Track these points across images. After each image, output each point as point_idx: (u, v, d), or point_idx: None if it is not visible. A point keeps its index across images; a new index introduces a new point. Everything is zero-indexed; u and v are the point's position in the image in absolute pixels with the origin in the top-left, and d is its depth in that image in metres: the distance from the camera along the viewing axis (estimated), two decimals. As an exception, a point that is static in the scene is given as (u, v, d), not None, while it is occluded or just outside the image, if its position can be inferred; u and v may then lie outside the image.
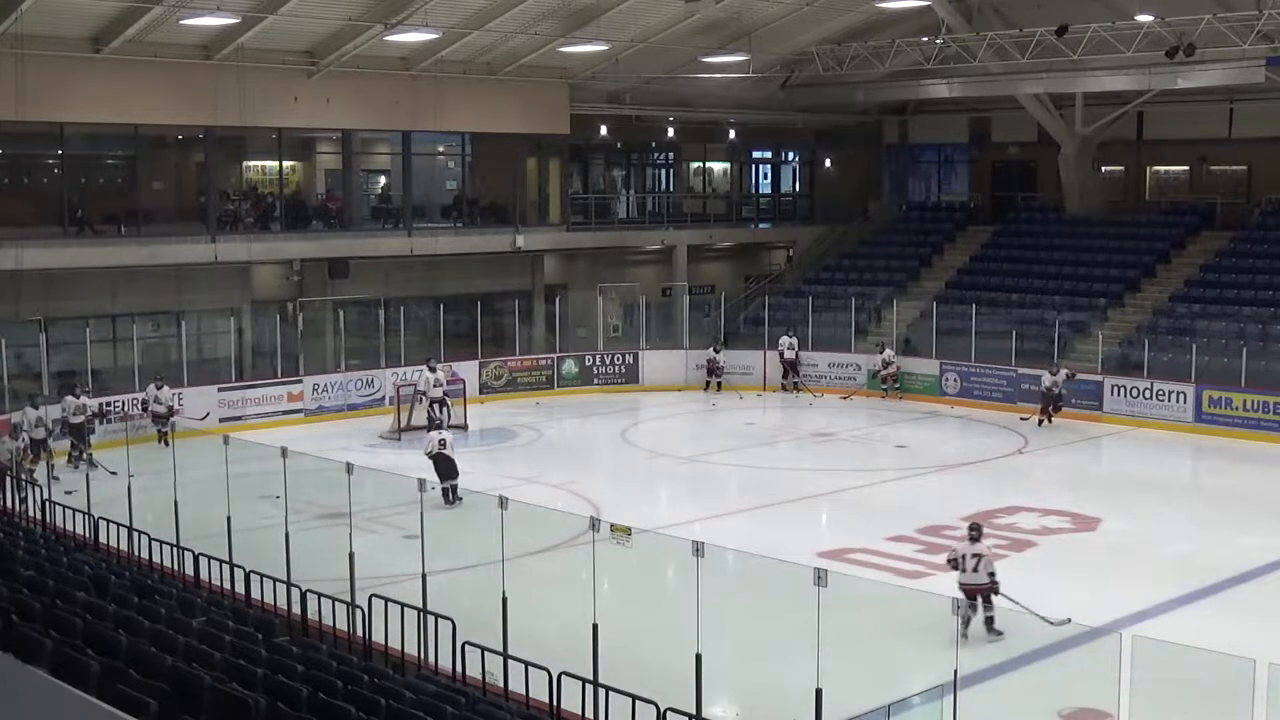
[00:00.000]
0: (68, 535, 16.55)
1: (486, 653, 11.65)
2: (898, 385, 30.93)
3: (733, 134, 39.67)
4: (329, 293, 30.43)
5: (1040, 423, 27.35)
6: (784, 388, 32.02)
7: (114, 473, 19.57)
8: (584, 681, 10.94)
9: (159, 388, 25.37)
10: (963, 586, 14.49)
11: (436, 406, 26.60)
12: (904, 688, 11.41)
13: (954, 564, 14.91)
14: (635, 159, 40.00)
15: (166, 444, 22.88)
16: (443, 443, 21.18)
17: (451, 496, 20.27)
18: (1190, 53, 27.18)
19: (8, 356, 24.66)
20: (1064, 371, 27.53)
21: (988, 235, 36.73)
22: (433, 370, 27.13)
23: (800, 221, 40.72)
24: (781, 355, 32.06)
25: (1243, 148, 34.51)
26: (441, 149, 34.12)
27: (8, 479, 19.08)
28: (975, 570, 14.60)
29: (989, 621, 14.38)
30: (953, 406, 29.94)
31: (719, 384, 31.97)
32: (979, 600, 14.41)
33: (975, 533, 15.00)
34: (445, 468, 20.67)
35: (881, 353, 30.96)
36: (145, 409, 25.19)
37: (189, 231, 28.68)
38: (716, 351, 32.29)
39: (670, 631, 12.84)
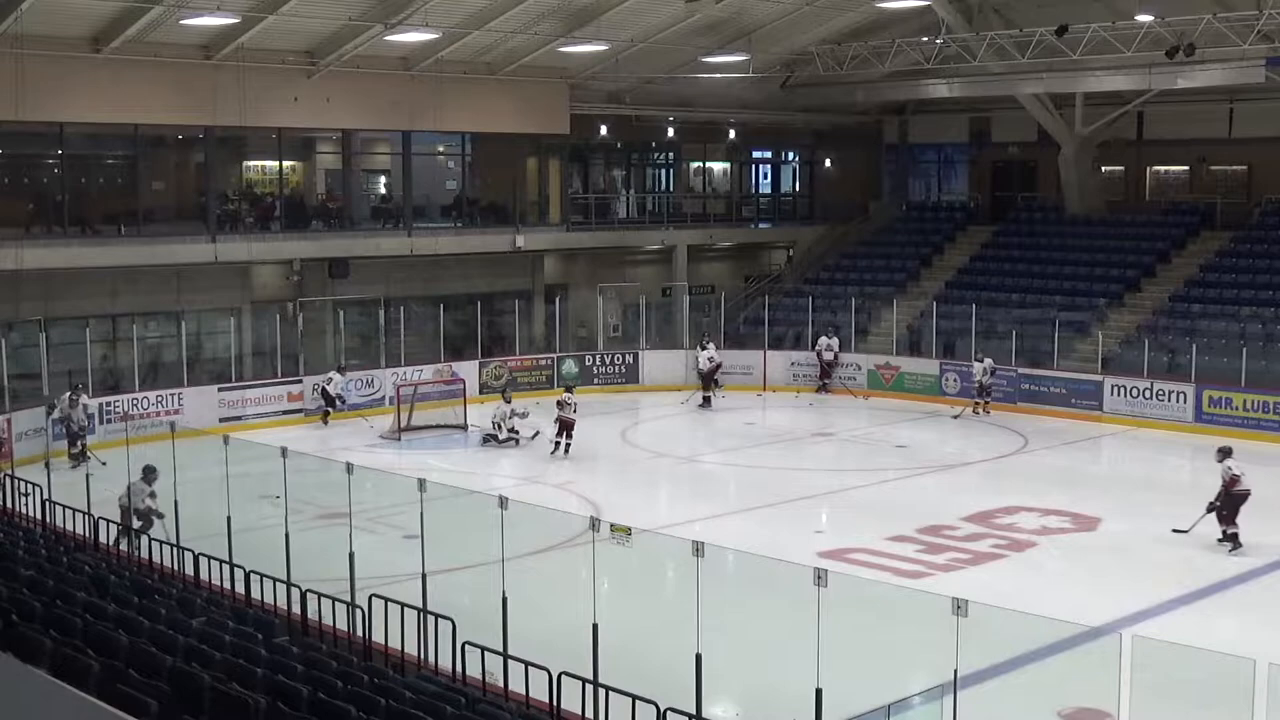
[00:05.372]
0: (68, 535, 16.55)
1: (486, 653, 11.64)
2: (989, 397, 29.06)
3: (733, 134, 39.67)
4: (329, 293, 30.44)
5: None
6: (822, 388, 31.73)
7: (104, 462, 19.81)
8: (584, 681, 10.93)
9: (77, 394, 23.76)
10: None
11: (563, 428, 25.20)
12: (904, 688, 11.41)
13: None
14: (635, 159, 40.00)
15: (86, 457, 22.27)
16: (80, 401, 23.66)
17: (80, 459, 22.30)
18: (1190, 53, 27.18)
19: (7, 356, 24.67)
20: None
21: (988, 235, 36.73)
22: (569, 390, 26.10)
23: (800, 221, 40.73)
24: (820, 356, 31.92)
25: (1243, 148, 34.51)
26: (441, 149, 34.12)
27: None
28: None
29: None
30: (953, 406, 29.93)
31: (715, 381, 31.88)
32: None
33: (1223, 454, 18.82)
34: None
35: (981, 362, 28.91)
36: (66, 417, 23.28)
37: (189, 231, 28.68)
38: (703, 348, 31.26)
39: (670, 631, 12.84)
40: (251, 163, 31.95)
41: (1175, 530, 19.02)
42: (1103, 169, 36.03)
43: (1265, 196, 33.54)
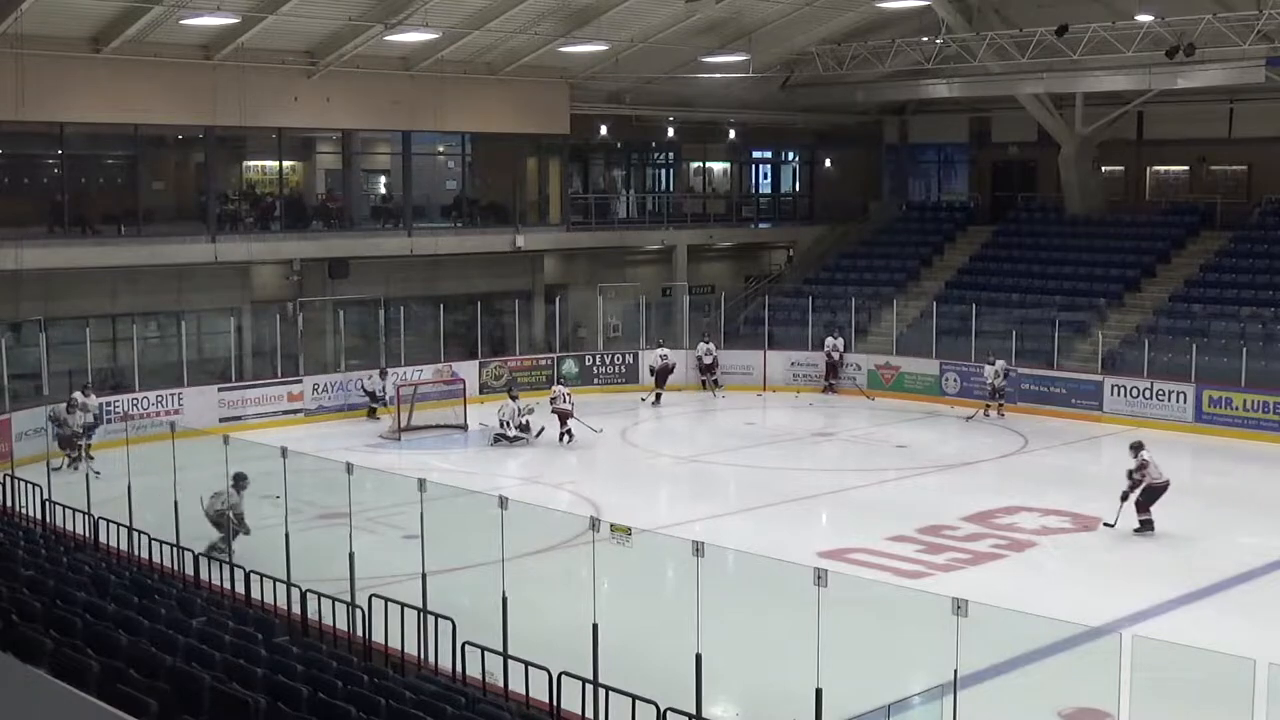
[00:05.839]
0: (68, 535, 16.55)
1: (486, 653, 11.65)
2: (1003, 399, 28.85)
3: (733, 134, 39.68)
4: (329, 293, 30.43)
5: None
6: (829, 388, 31.73)
7: (98, 473, 19.96)
8: (584, 681, 10.94)
9: (85, 394, 23.71)
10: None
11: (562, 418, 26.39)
12: (904, 688, 11.41)
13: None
14: (635, 159, 40.01)
15: (89, 457, 22.24)
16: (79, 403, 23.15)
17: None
18: (1190, 53, 27.18)
19: (7, 356, 24.66)
20: None
21: (988, 235, 36.73)
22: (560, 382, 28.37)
23: (800, 221, 40.74)
24: (828, 356, 31.85)
25: (1243, 148, 34.51)
26: (441, 149, 34.12)
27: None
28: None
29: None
30: (953, 406, 29.92)
31: (715, 381, 31.92)
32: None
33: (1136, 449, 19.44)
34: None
35: (994, 364, 28.68)
36: (61, 421, 22.84)
37: (189, 231, 28.68)
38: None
39: (670, 631, 12.83)
40: (251, 163, 31.96)
41: (1106, 524, 19.41)
42: (1103, 169, 36.01)
43: (1265, 196, 33.53)
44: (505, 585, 12.69)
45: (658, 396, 30.82)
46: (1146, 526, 19.19)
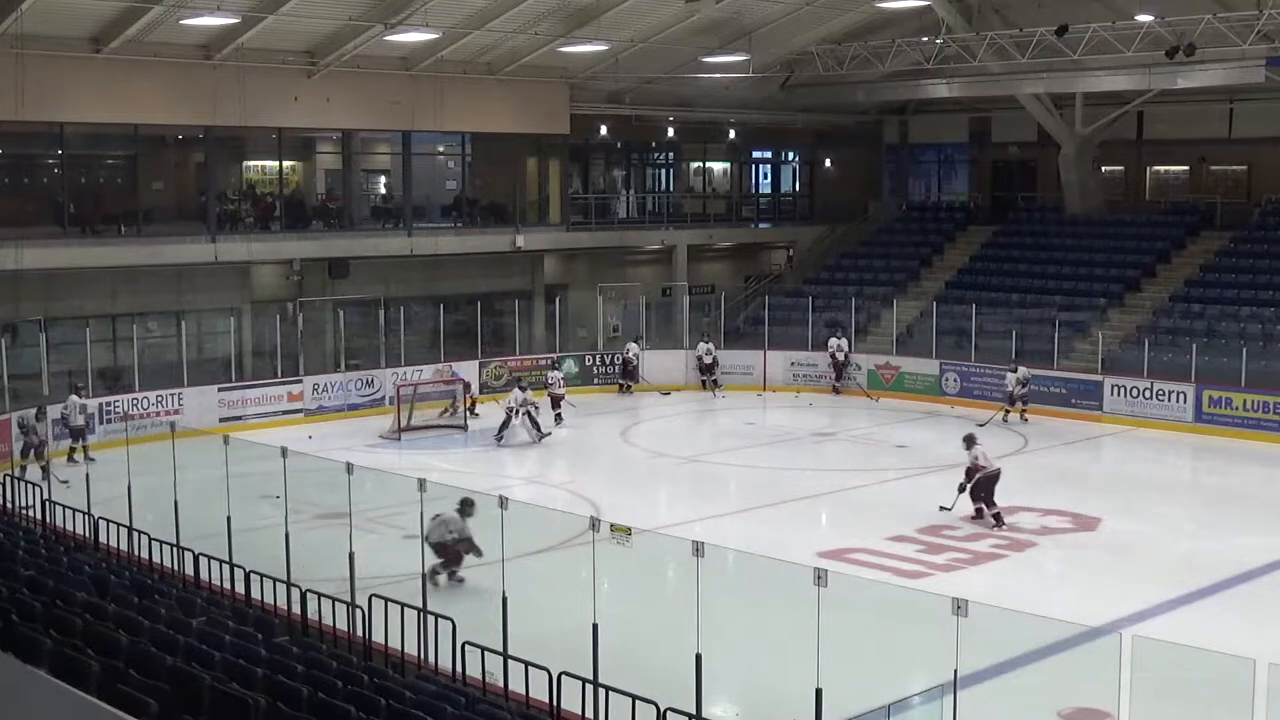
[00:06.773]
0: (68, 535, 16.55)
1: (486, 653, 11.65)
2: (1025, 405, 28.31)
3: (733, 134, 39.69)
4: (329, 293, 30.45)
5: None
6: (835, 390, 31.76)
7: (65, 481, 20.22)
8: (584, 681, 10.94)
9: (80, 395, 23.79)
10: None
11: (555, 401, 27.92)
12: (904, 688, 11.41)
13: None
14: (635, 159, 40.01)
15: (89, 458, 22.62)
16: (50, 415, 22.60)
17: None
18: (1190, 53, 27.17)
19: (7, 356, 24.66)
20: None
21: (988, 235, 36.73)
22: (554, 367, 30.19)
23: (800, 221, 40.75)
24: (833, 357, 31.84)
25: (1243, 148, 34.52)
26: (441, 149, 34.12)
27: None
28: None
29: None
30: (953, 406, 29.92)
31: (715, 381, 31.93)
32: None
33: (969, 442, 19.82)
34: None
35: (1015, 372, 28.18)
36: (29, 429, 22.28)
37: (189, 231, 28.68)
38: (707, 339, 32.24)
39: (670, 631, 12.83)
40: (251, 163, 31.95)
41: (942, 508, 19.95)
42: (1103, 169, 36.02)
43: (1265, 196, 33.54)
44: (505, 585, 12.69)
45: (624, 387, 31.76)
46: (984, 519, 19.52)
